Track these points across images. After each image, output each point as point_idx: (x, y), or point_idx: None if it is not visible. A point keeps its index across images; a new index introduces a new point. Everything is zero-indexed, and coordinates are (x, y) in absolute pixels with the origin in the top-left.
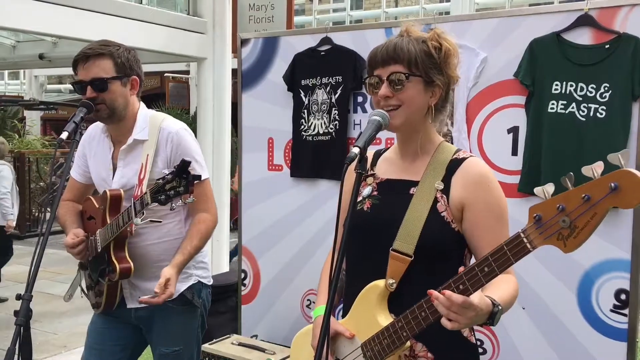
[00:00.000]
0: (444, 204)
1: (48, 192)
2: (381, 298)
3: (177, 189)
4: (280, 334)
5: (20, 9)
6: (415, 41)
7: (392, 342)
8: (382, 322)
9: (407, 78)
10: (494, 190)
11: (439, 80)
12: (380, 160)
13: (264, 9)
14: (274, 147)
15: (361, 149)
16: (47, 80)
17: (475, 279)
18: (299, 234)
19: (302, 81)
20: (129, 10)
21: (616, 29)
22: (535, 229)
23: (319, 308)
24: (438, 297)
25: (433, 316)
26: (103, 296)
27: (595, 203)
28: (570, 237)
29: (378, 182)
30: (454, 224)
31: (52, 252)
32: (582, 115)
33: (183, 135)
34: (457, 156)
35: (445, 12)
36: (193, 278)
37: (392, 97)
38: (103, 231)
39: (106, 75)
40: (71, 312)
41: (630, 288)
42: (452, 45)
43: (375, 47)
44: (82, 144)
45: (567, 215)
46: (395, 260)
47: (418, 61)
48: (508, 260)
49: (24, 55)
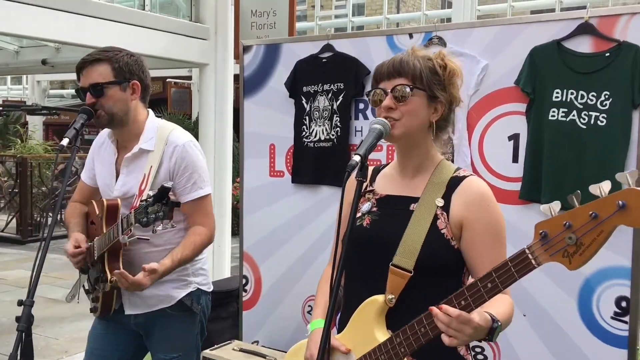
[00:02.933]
0: (444, 221)
1: (50, 197)
2: (379, 313)
3: (157, 214)
4: (282, 340)
5: (24, 15)
6: (421, 58)
7: (389, 358)
8: (379, 338)
9: (412, 90)
10: (493, 210)
11: (442, 97)
12: (379, 176)
13: (266, 15)
14: (276, 153)
15: (362, 156)
16: (49, 85)
17: (478, 295)
18: (300, 239)
19: (304, 88)
20: (131, 17)
21: (616, 37)
22: (540, 246)
23: (316, 321)
24: (437, 313)
25: (433, 332)
26: (99, 302)
27: (603, 221)
28: (575, 254)
29: (377, 198)
30: (453, 242)
31: (54, 257)
32: (583, 123)
33: (189, 149)
34: (458, 174)
35: (447, 18)
36: (192, 285)
37: (395, 109)
38: (99, 240)
39: (103, 81)
40: (72, 317)
41: (631, 295)
42: (457, 66)
43: (382, 62)
44: (92, 148)
45: (574, 232)
46: (395, 275)
47: (423, 76)
48: (512, 277)
49: (26, 61)
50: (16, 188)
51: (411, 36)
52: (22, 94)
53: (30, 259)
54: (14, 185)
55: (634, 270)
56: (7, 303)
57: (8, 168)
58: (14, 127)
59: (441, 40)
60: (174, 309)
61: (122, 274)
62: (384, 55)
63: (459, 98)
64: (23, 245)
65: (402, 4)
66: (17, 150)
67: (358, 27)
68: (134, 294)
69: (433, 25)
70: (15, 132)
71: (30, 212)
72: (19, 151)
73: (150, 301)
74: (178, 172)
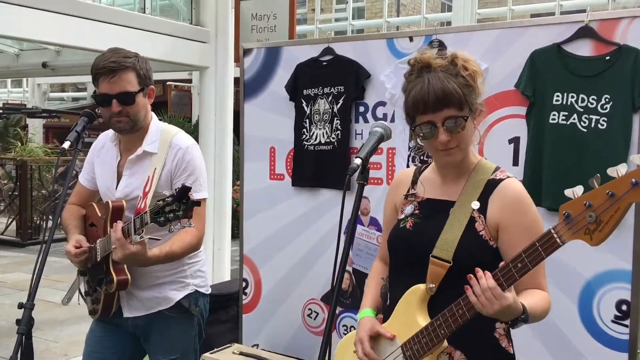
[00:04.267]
0: (481, 223)
1: (50, 199)
2: (421, 301)
3: (177, 213)
4: (282, 344)
5: (24, 18)
6: (450, 76)
7: (430, 340)
8: (421, 323)
9: (465, 120)
10: (529, 212)
11: (480, 105)
12: (420, 179)
13: (266, 19)
14: (276, 156)
15: (363, 160)
16: (49, 88)
17: (509, 275)
18: (300, 243)
19: (304, 91)
20: (132, 20)
21: (616, 41)
22: (564, 225)
23: (363, 310)
24: (480, 277)
25: (470, 312)
26: (100, 304)
27: (619, 198)
28: (596, 231)
29: (419, 201)
30: (491, 242)
31: (54, 260)
32: (584, 127)
33: (191, 152)
34: (495, 176)
35: (447, 21)
36: (190, 287)
37: (452, 140)
38: (103, 241)
39: (133, 90)
40: (72, 320)
41: (632, 299)
42: (475, 63)
43: (414, 91)
44: (91, 151)
45: (594, 211)
46: (435, 266)
47: (466, 98)
48: (539, 256)
49: (27, 64)
50: (16, 191)
51: (412, 39)
52: (23, 97)
53: (29, 262)
54: (13, 188)
55: (634, 274)
56: (7, 306)
57: (8, 171)
58: (14, 130)
59: (441, 43)
60: (171, 310)
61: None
62: (385, 59)
63: (482, 88)
64: (23, 248)
65: (402, 7)
66: (17, 153)
67: (358, 30)
68: (132, 296)
69: (433, 29)
70: (15, 134)
71: (30, 215)
72: (19, 154)
73: (149, 303)
74: (178, 172)
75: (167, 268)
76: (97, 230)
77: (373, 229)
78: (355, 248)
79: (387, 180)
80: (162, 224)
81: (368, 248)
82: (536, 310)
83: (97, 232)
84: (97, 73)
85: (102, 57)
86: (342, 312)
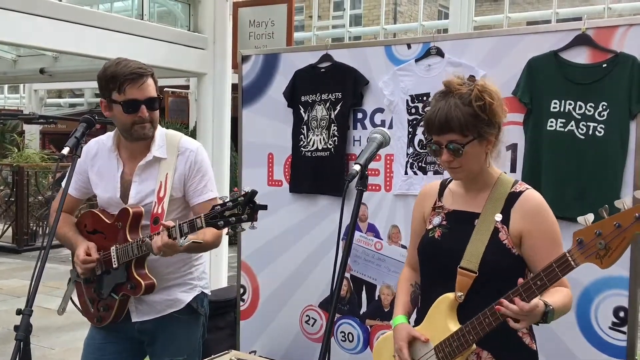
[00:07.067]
0: (505, 233)
1: (47, 206)
2: (451, 308)
3: (241, 216)
4: (279, 350)
5: (22, 24)
6: (462, 104)
7: (460, 344)
8: (452, 328)
9: (464, 147)
10: (548, 220)
11: (492, 134)
12: (446, 192)
13: (264, 25)
14: (274, 163)
15: (362, 166)
16: (46, 94)
17: (530, 291)
18: (298, 249)
19: (302, 97)
20: (130, 26)
21: (613, 49)
22: (577, 250)
23: (397, 317)
24: (508, 306)
25: (496, 322)
26: (112, 310)
27: (625, 229)
28: (605, 257)
29: (446, 212)
30: (514, 250)
31: (50, 267)
32: (581, 134)
33: (202, 153)
34: (515, 189)
35: (444, 29)
36: (197, 289)
37: (454, 160)
38: (123, 248)
39: (156, 95)
40: (68, 327)
41: (629, 306)
42: (495, 94)
43: (429, 112)
44: (83, 159)
45: (603, 239)
46: (463, 276)
47: (469, 126)
48: (556, 276)
49: (24, 70)
50: (12, 197)
51: (409, 46)
52: (19, 103)
53: (26, 268)
54: (10, 194)
55: (632, 281)
56: (3, 312)
57: (4, 177)
58: (11, 136)
59: (439, 50)
60: (181, 312)
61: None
62: (383, 66)
63: (504, 116)
64: (19, 254)
65: (399, 14)
66: (14, 159)
67: (355, 37)
68: (141, 301)
69: (431, 36)
70: (12, 140)
71: (26, 222)
72: (16, 160)
73: (159, 307)
74: (191, 175)
75: (177, 270)
76: (105, 237)
77: (371, 236)
78: (353, 255)
79: (385, 187)
80: (221, 227)
81: (366, 254)
82: (558, 304)
83: (105, 239)
84: (126, 79)
85: (121, 65)
86: (340, 319)
